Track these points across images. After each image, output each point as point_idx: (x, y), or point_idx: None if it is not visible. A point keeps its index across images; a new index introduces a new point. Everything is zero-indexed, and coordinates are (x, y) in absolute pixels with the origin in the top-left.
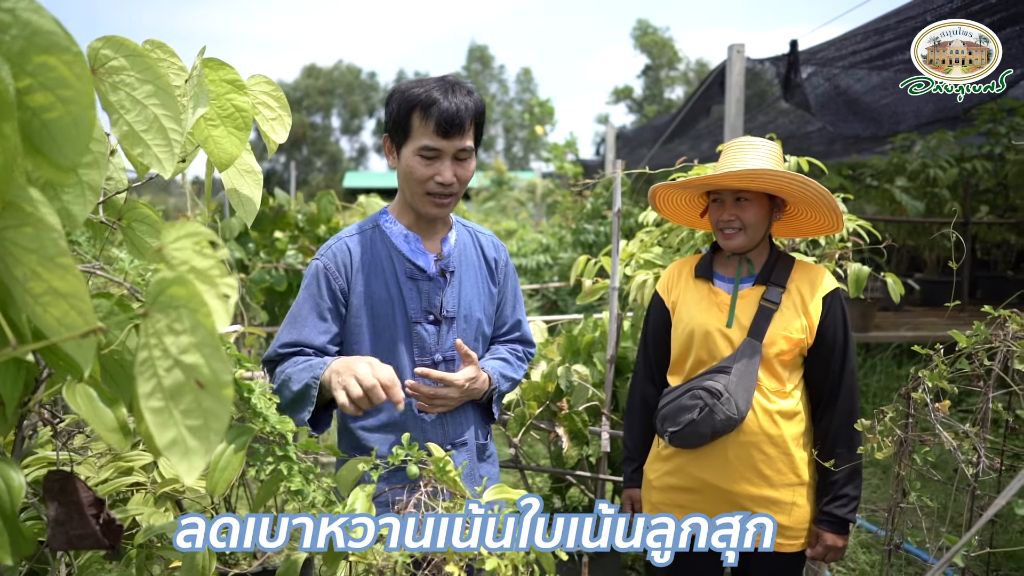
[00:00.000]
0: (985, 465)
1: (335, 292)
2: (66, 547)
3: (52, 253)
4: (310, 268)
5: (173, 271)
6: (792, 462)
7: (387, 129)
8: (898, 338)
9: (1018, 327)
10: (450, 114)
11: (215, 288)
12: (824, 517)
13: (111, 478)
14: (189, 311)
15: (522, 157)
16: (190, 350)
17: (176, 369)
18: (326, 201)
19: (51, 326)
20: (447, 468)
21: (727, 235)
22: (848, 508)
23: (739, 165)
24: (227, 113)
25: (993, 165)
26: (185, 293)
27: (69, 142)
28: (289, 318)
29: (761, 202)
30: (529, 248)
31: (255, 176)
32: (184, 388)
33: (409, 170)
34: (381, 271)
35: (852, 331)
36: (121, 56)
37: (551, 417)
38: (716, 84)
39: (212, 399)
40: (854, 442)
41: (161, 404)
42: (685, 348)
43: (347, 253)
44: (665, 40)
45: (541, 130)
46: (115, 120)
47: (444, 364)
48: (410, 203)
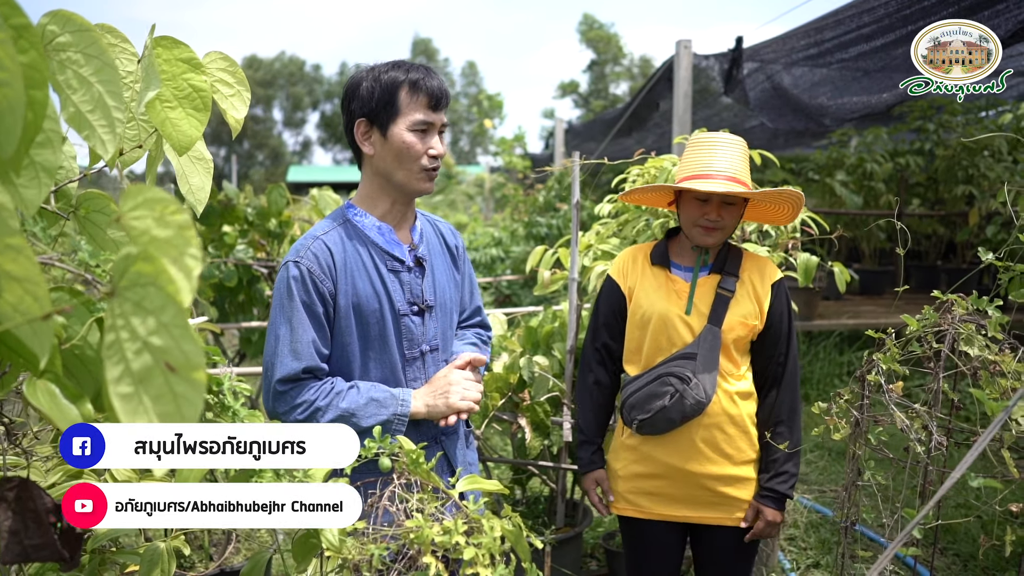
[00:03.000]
0: (936, 442)
1: (324, 295)
2: (21, 560)
3: (2, 233)
4: (290, 272)
5: (137, 245)
6: (750, 439)
7: (364, 114)
8: (840, 326)
9: (963, 311)
10: (438, 88)
11: (180, 261)
12: (766, 493)
13: (59, 482)
14: (157, 288)
15: (469, 151)
16: (159, 331)
17: (145, 352)
18: (277, 194)
19: (5, 313)
20: (420, 460)
21: (707, 232)
22: (788, 484)
23: (722, 166)
24: (184, 94)
25: (924, 160)
26: (152, 269)
27: (4, 130)
28: (293, 329)
29: (741, 204)
30: (481, 242)
31: (206, 164)
32: (154, 372)
33: (406, 146)
34: (363, 267)
35: (797, 320)
36: (68, 32)
37: (513, 408)
38: (664, 79)
39: (184, 383)
40: (795, 422)
41: (130, 390)
42: (642, 334)
43: (328, 253)
44: (611, 35)
45: (490, 124)
46: (64, 101)
47: (431, 353)
48: (401, 184)
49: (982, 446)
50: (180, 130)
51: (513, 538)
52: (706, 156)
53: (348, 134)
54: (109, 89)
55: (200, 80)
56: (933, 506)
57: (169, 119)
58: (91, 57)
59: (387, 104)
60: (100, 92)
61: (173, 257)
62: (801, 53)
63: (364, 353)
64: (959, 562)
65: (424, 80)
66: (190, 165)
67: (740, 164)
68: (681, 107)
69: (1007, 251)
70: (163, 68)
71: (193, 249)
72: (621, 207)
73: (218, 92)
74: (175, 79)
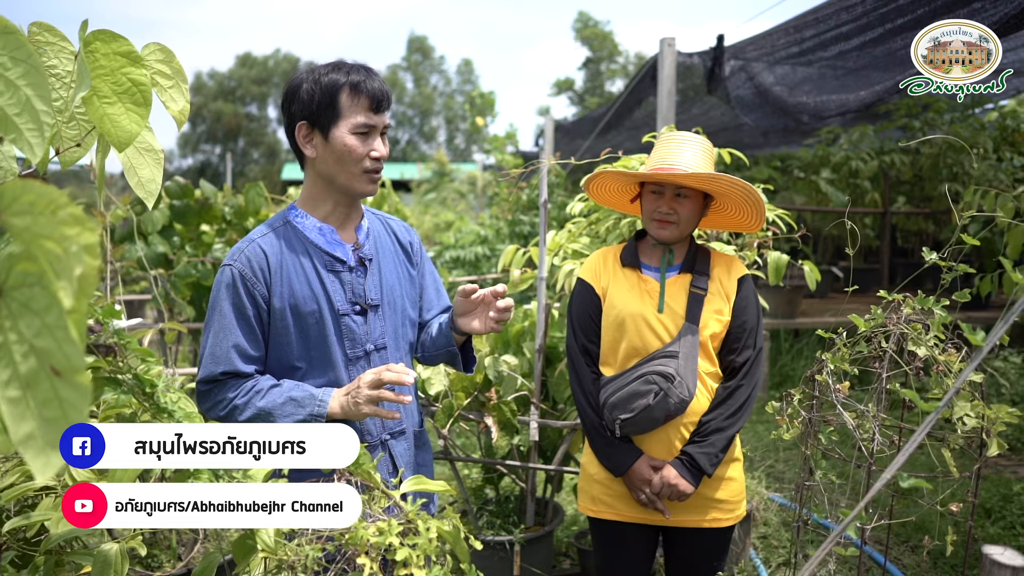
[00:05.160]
0: (880, 442)
1: (256, 298)
2: None
3: None
4: (224, 275)
5: (20, 244)
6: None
7: (304, 116)
8: (822, 324)
9: (911, 311)
10: (379, 90)
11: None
12: (682, 456)
13: (17, 482)
14: (42, 288)
15: (464, 149)
16: (42, 333)
17: (32, 355)
18: (254, 193)
19: None
20: (361, 461)
21: (661, 224)
22: (707, 459)
23: (679, 160)
24: (123, 88)
25: (910, 158)
26: (36, 269)
27: None
28: (215, 333)
29: (697, 199)
30: (467, 240)
31: (156, 155)
32: (39, 375)
33: (348, 149)
34: (300, 268)
35: (780, 318)
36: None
37: (480, 408)
38: (648, 77)
39: (69, 387)
40: (743, 411)
41: (18, 394)
42: (618, 335)
43: (262, 256)
44: (606, 33)
45: (482, 121)
46: None
47: (376, 353)
48: (344, 186)
49: (913, 446)
50: (120, 126)
51: (451, 539)
52: (666, 152)
53: (289, 136)
54: (37, 93)
55: (140, 74)
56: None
57: (108, 115)
58: (18, 60)
59: (328, 107)
60: (28, 96)
61: (57, 256)
62: (783, 52)
63: (306, 353)
64: (930, 559)
65: (365, 82)
66: (139, 157)
67: (700, 160)
68: (665, 105)
69: (950, 251)
70: (101, 63)
71: (76, 247)
72: (593, 206)
73: (158, 85)
74: (114, 74)
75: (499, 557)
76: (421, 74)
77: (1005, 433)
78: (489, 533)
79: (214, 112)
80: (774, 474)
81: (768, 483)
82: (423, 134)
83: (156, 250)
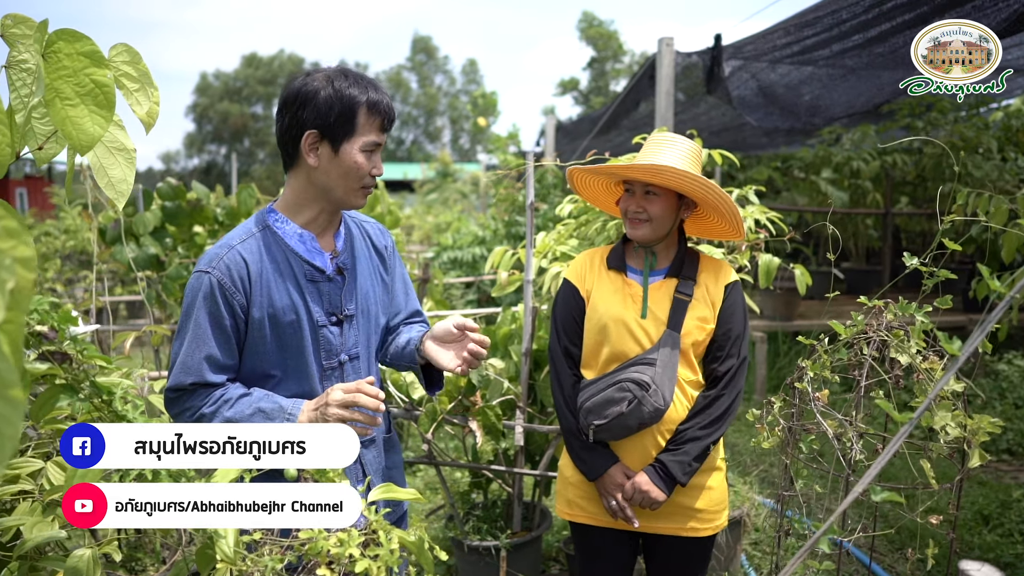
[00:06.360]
0: (859, 451)
1: (234, 308)
2: None
3: None
4: (200, 282)
5: None
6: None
7: (317, 126)
8: (820, 326)
9: (893, 317)
10: (391, 110)
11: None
12: (656, 463)
13: None
14: None
15: (469, 149)
16: None
17: None
18: (246, 194)
19: None
20: (325, 468)
21: (633, 223)
22: (681, 468)
23: (656, 160)
24: (86, 90)
25: (913, 158)
26: None
27: None
28: (189, 343)
29: (668, 198)
30: (465, 240)
31: (128, 155)
32: None
33: (356, 166)
34: (280, 277)
35: (778, 319)
36: None
37: (464, 412)
38: (647, 77)
39: (2, 402)
40: (723, 421)
41: None
42: (600, 339)
43: (242, 264)
44: (610, 32)
45: (484, 122)
46: None
47: (349, 363)
48: (339, 199)
49: (886, 459)
50: (81, 129)
51: (415, 549)
52: (647, 152)
53: (286, 138)
54: None
55: (103, 75)
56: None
57: (69, 118)
58: None
59: (345, 122)
60: None
61: None
62: (782, 51)
63: (282, 362)
64: (922, 568)
65: (382, 102)
66: (109, 157)
67: (679, 161)
68: (663, 105)
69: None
70: (64, 64)
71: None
72: (583, 207)
73: (124, 87)
74: (77, 75)
75: (485, 562)
76: (425, 74)
77: (1006, 438)
78: (476, 538)
79: (220, 112)
80: (768, 479)
81: (761, 488)
82: (428, 134)
83: (148, 252)
